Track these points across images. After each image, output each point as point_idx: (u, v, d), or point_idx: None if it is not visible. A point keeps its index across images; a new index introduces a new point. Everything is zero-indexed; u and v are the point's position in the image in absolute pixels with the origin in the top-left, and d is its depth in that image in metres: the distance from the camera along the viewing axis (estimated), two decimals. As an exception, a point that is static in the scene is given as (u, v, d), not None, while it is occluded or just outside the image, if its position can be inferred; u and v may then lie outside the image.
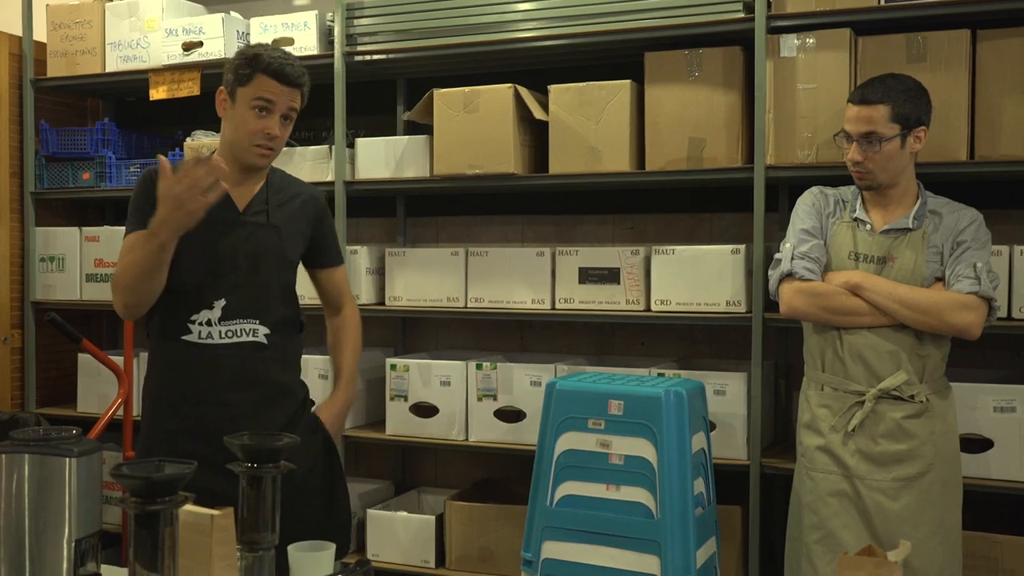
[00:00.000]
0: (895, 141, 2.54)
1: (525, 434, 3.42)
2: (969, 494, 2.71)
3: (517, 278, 3.50)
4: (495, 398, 3.49)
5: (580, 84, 3.37)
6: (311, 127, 4.15)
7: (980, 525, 2.94)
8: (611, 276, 3.37)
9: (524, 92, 3.42)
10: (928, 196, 2.66)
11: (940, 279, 2.57)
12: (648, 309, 3.34)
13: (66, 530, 1.66)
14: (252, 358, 2.42)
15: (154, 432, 2.45)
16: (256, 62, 2.39)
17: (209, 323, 2.39)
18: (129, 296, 2.34)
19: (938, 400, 2.59)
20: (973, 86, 2.95)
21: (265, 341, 2.44)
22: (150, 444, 2.44)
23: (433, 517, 3.54)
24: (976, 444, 2.92)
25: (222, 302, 2.39)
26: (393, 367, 3.62)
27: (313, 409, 2.62)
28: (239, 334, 2.41)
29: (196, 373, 2.39)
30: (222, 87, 2.45)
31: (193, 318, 2.39)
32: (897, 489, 2.53)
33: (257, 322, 2.43)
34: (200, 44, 3.84)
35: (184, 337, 2.39)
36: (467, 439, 3.54)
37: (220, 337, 2.39)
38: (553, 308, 3.47)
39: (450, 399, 3.54)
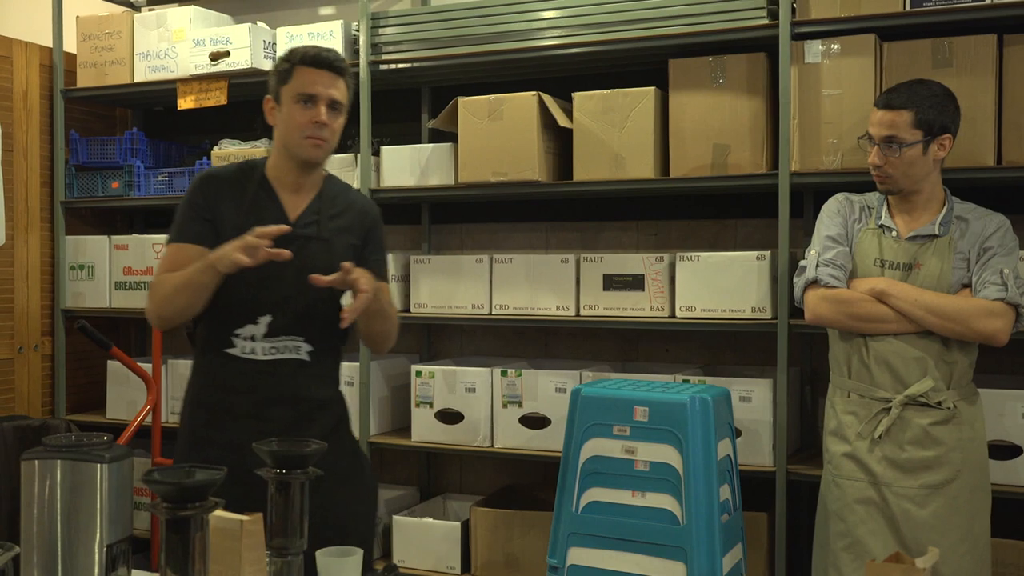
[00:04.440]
0: (916, 147, 2.53)
1: (550, 440, 3.42)
2: (998, 501, 2.68)
3: (542, 285, 3.51)
4: (520, 405, 3.49)
5: (604, 91, 3.38)
6: (337, 135, 4.17)
7: (1009, 532, 2.91)
8: (636, 283, 3.37)
9: (548, 99, 3.43)
10: (955, 202, 2.64)
11: (967, 286, 2.56)
12: (673, 316, 3.34)
13: (97, 535, 1.68)
14: (293, 375, 2.39)
15: (191, 440, 2.44)
16: (292, 55, 2.39)
17: (253, 338, 2.36)
18: (166, 310, 2.35)
19: (966, 406, 2.57)
20: (1000, 91, 2.94)
21: (308, 359, 2.40)
22: (186, 452, 2.43)
23: (459, 523, 3.55)
24: (1005, 451, 2.90)
25: (268, 318, 2.36)
26: (418, 374, 3.63)
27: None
28: (282, 351, 2.38)
29: (236, 387, 2.38)
30: (268, 95, 2.44)
31: (238, 332, 2.37)
32: (924, 496, 2.52)
33: (301, 339, 2.39)
34: (227, 54, 3.87)
35: (227, 350, 2.37)
36: (492, 446, 3.55)
37: (263, 353, 2.37)
38: (578, 315, 3.47)
39: (475, 406, 3.55)
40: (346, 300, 2.51)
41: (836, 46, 3.06)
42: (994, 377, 3.04)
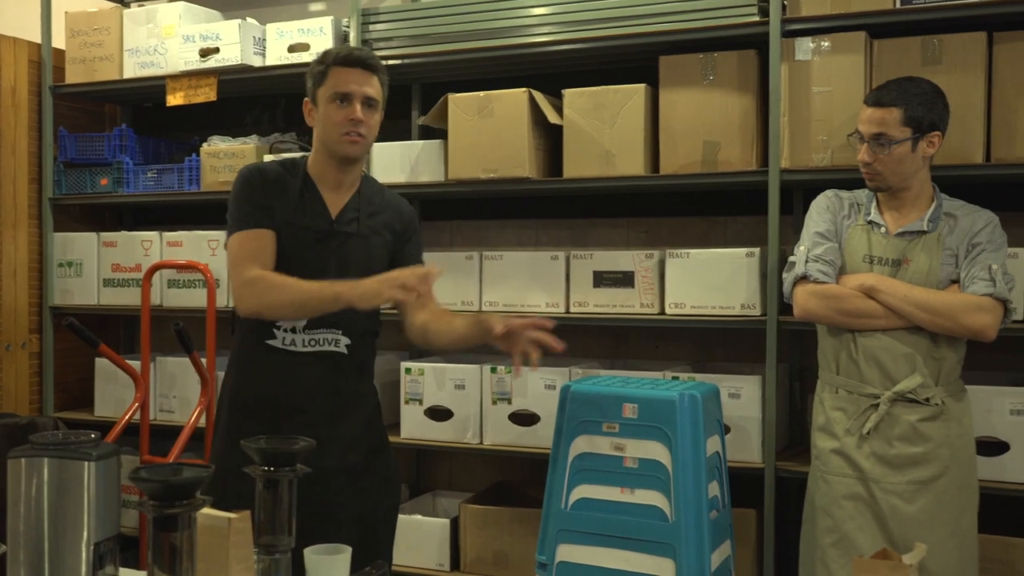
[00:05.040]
0: (906, 144, 2.54)
1: (539, 437, 3.42)
2: (985, 497, 2.70)
3: (531, 282, 3.51)
4: (509, 401, 3.49)
5: (594, 88, 3.38)
6: (326, 132, 4.17)
7: (996, 528, 2.92)
8: (625, 280, 3.37)
9: (539, 96, 3.43)
10: (944, 199, 2.65)
11: (955, 281, 2.57)
12: (662, 312, 3.34)
13: (85, 533, 1.67)
14: (331, 368, 2.42)
15: (230, 433, 2.43)
16: (326, 56, 2.44)
17: (294, 330, 2.40)
18: (265, 311, 2.36)
19: (954, 403, 2.58)
20: (989, 88, 2.94)
21: (345, 351, 2.44)
22: (224, 445, 2.44)
23: (448, 520, 3.55)
24: (992, 447, 2.91)
25: None
26: (408, 371, 3.63)
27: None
28: (321, 343, 2.41)
29: (275, 378, 2.41)
30: (306, 98, 2.47)
31: (279, 323, 2.40)
32: (912, 492, 2.53)
33: (340, 332, 2.43)
34: (217, 50, 3.86)
35: (268, 341, 2.40)
36: (482, 442, 3.55)
37: (303, 345, 2.40)
38: (567, 312, 3.47)
39: (465, 402, 3.55)
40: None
41: (826, 43, 3.07)
42: (982, 373, 3.04)
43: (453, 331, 2.43)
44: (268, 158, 3.74)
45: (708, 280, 3.25)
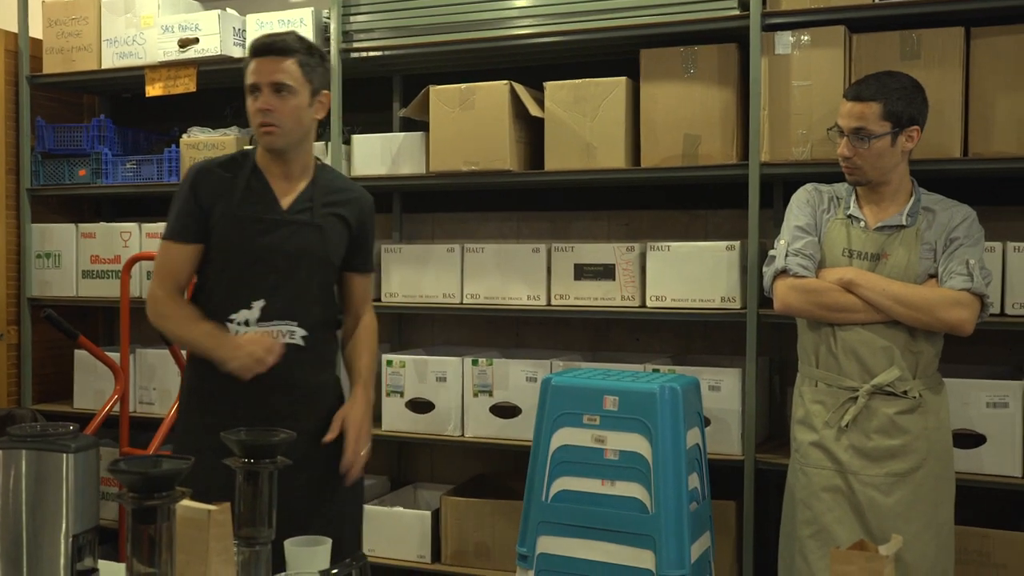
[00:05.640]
0: (885, 139, 2.55)
1: (521, 430, 3.43)
2: (961, 489, 2.72)
3: (513, 274, 3.51)
4: (491, 394, 3.50)
5: (576, 81, 3.38)
6: (307, 123, 4.15)
7: (972, 520, 2.95)
8: (606, 272, 3.38)
9: (520, 89, 3.43)
10: (922, 193, 2.67)
11: (933, 276, 2.58)
12: (643, 305, 3.35)
13: (63, 525, 1.66)
14: (288, 361, 2.39)
15: (189, 428, 2.44)
16: (248, 50, 2.43)
17: (247, 323, 2.38)
18: (159, 330, 2.53)
19: (931, 396, 2.60)
20: (967, 83, 2.97)
21: (302, 343, 2.42)
22: (183, 440, 2.44)
23: (429, 512, 3.55)
24: (969, 439, 2.93)
25: (261, 303, 2.38)
26: (389, 363, 3.63)
27: (336, 415, 2.51)
28: (276, 336, 2.39)
29: (232, 373, 2.38)
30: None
31: (232, 317, 2.38)
32: (890, 484, 2.55)
33: (295, 324, 2.41)
34: (196, 41, 3.84)
35: None
36: (463, 435, 3.55)
37: None
38: (549, 304, 3.48)
39: (446, 395, 3.55)
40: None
41: (806, 37, 3.08)
42: (959, 367, 3.07)
43: (348, 365, 2.62)
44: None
45: (689, 273, 3.26)
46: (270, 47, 2.38)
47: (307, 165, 2.49)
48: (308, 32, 3.70)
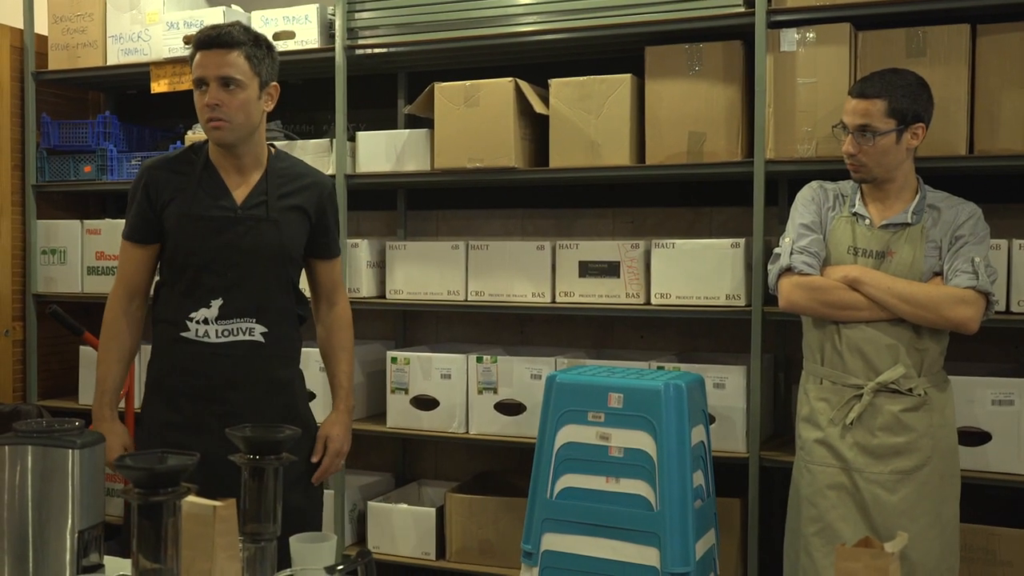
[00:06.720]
0: (890, 136, 2.55)
1: (525, 427, 3.43)
2: (967, 487, 2.72)
3: (517, 272, 3.51)
4: (495, 391, 3.50)
5: (580, 78, 3.37)
6: (312, 120, 4.15)
7: (978, 518, 2.95)
8: (611, 270, 3.37)
9: (524, 86, 3.43)
10: (927, 191, 2.66)
11: (939, 274, 2.58)
12: (648, 303, 3.35)
13: (69, 521, 1.67)
14: (248, 357, 2.41)
15: (151, 424, 2.46)
16: (192, 43, 2.41)
17: (206, 321, 2.39)
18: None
19: (936, 393, 2.60)
20: (973, 81, 2.96)
21: (262, 339, 2.42)
22: (147, 436, 2.46)
23: (433, 509, 3.55)
24: (974, 437, 2.93)
25: (219, 301, 2.39)
26: (394, 360, 3.63)
27: (320, 429, 2.56)
28: (235, 333, 2.39)
29: (192, 370, 2.40)
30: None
31: (191, 315, 2.39)
32: (895, 482, 2.55)
33: (254, 320, 2.41)
34: (201, 37, 3.83)
35: (182, 334, 2.40)
36: (467, 432, 3.55)
37: (216, 336, 2.39)
38: (553, 302, 3.48)
39: (450, 392, 3.55)
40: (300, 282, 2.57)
41: (811, 35, 3.07)
42: (964, 364, 3.07)
43: (327, 368, 2.64)
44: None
45: (693, 270, 3.25)
46: (215, 40, 2.35)
47: (259, 156, 2.47)
48: (313, 29, 3.70)
